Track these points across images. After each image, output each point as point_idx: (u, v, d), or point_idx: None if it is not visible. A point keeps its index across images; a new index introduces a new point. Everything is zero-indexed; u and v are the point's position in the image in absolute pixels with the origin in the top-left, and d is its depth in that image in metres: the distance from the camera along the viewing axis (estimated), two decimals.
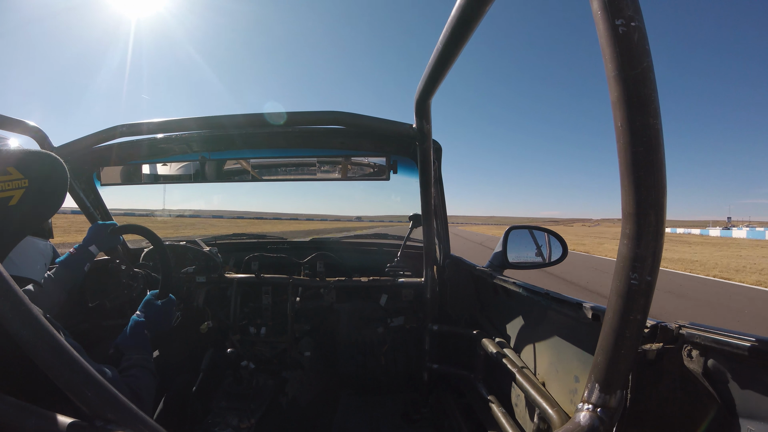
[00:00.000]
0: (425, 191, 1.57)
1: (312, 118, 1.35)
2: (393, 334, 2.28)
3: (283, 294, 2.15)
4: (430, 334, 1.94)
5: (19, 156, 0.70)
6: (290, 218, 41.67)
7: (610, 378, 0.55)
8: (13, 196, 0.67)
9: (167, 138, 1.74)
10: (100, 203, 2.03)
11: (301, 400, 2.00)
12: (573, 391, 1.05)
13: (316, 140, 1.79)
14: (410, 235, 2.22)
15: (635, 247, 0.49)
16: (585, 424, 0.56)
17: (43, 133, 1.47)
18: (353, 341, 2.33)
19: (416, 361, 2.16)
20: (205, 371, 1.87)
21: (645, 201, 0.47)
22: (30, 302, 0.60)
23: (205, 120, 1.39)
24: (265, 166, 2.08)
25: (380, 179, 1.90)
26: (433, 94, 1.07)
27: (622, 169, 0.48)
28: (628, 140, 0.46)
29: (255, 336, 2.11)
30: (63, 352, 0.60)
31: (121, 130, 1.43)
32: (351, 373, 2.34)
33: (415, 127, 1.30)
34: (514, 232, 1.98)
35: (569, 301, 0.99)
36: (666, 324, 0.75)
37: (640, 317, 0.52)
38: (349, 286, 2.16)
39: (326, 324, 2.34)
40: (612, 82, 0.45)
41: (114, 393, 0.62)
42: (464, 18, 0.69)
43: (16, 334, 0.57)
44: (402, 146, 1.78)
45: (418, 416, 2.00)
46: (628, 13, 0.43)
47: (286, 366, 2.06)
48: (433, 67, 0.89)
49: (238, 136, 1.73)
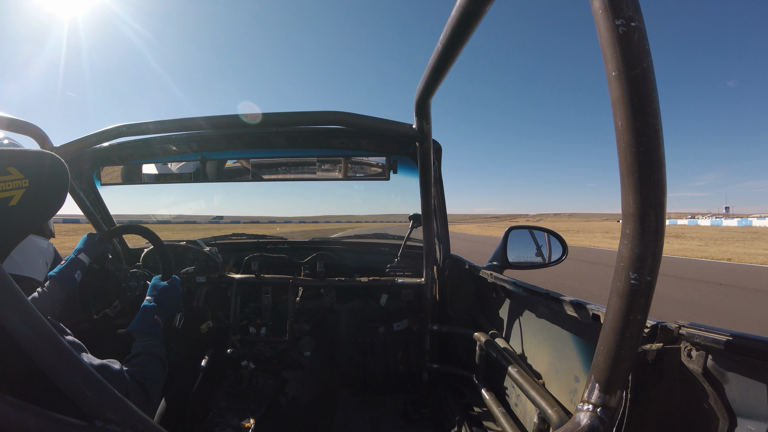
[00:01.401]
0: (425, 191, 1.57)
1: (312, 118, 1.35)
2: (396, 336, 2.28)
3: (283, 294, 2.15)
4: (430, 334, 1.94)
5: (19, 156, 0.70)
6: (283, 221, 41.28)
7: (610, 378, 0.55)
8: (13, 196, 0.67)
9: (167, 138, 1.74)
10: (100, 203, 2.03)
11: (301, 400, 2.00)
12: (573, 391, 1.05)
13: (316, 140, 1.79)
14: (410, 235, 2.22)
15: (635, 247, 0.49)
16: (585, 424, 0.56)
17: (43, 133, 1.47)
18: (353, 341, 2.33)
19: (416, 361, 2.16)
20: (205, 371, 1.87)
21: (645, 201, 0.47)
22: (30, 303, 0.60)
23: (206, 120, 1.39)
24: (265, 166, 2.08)
25: (380, 179, 1.90)
26: (433, 94, 1.07)
27: (622, 169, 0.47)
28: (628, 140, 0.46)
29: (255, 336, 2.11)
30: (63, 352, 0.60)
31: (121, 130, 1.43)
32: (351, 373, 2.34)
33: (415, 127, 1.30)
34: (514, 233, 1.98)
35: (569, 301, 0.99)
36: (666, 324, 0.75)
37: (640, 317, 0.52)
38: (349, 286, 2.16)
39: (326, 324, 2.34)
40: (612, 82, 0.45)
41: (114, 393, 0.62)
42: (464, 18, 0.69)
43: (17, 334, 0.57)
44: (402, 146, 1.77)
45: (418, 416, 2.00)
46: (628, 13, 0.43)
47: (286, 366, 2.06)
48: (433, 67, 0.89)
49: (238, 136, 1.73)
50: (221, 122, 1.40)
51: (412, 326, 2.20)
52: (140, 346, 1.06)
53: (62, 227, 27.91)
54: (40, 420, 0.57)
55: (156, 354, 1.06)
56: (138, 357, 1.02)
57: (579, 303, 0.94)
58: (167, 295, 1.27)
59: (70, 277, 1.32)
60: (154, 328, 1.14)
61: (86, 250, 1.42)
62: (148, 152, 1.89)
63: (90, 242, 1.45)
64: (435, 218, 1.91)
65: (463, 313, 1.97)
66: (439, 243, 2.06)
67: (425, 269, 1.91)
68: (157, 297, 1.23)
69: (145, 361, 1.01)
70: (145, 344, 1.07)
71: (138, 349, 1.05)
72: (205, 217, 18.90)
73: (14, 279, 0.61)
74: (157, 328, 1.15)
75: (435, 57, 0.85)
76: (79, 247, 1.42)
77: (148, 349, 1.06)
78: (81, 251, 1.40)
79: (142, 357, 1.02)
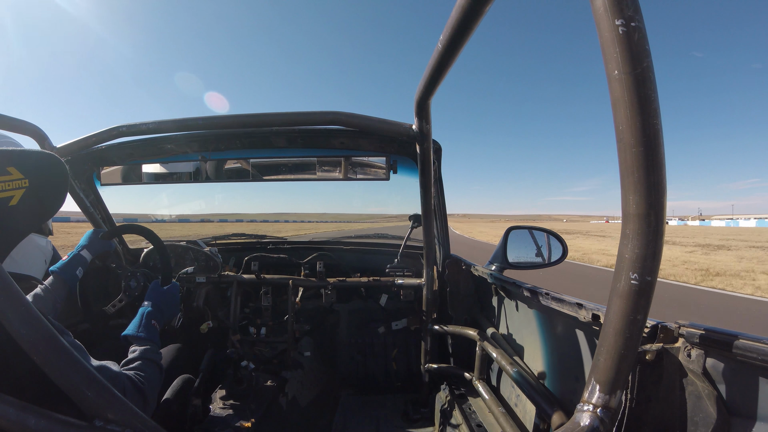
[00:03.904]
0: (425, 191, 1.57)
1: (312, 118, 1.35)
2: (395, 336, 2.28)
3: (283, 294, 2.15)
4: (430, 334, 1.94)
5: (19, 156, 0.70)
6: (275, 220, 40.84)
7: (610, 378, 0.55)
8: (13, 196, 0.67)
9: (167, 138, 1.74)
10: (100, 203, 2.03)
11: (301, 400, 2.00)
12: (573, 391, 1.05)
13: (316, 140, 1.79)
14: (410, 235, 2.22)
15: (635, 247, 0.49)
16: (585, 425, 0.56)
17: (43, 133, 1.48)
18: (353, 341, 2.33)
19: (416, 361, 2.16)
20: (205, 371, 1.87)
21: (645, 201, 0.47)
22: (30, 303, 0.60)
23: (206, 120, 1.40)
24: (265, 166, 2.08)
25: (380, 179, 1.90)
26: (433, 94, 1.07)
27: (622, 169, 0.47)
28: (628, 140, 0.46)
29: (255, 336, 2.11)
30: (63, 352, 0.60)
31: (121, 130, 1.43)
32: (351, 373, 2.34)
33: (415, 127, 1.30)
34: (514, 233, 1.98)
35: (569, 301, 0.99)
36: (666, 324, 0.75)
37: (640, 317, 0.52)
38: (349, 287, 2.16)
39: (326, 324, 2.34)
40: (612, 82, 0.45)
41: (114, 393, 0.62)
42: (464, 18, 0.69)
43: (17, 334, 0.57)
44: (402, 146, 1.77)
45: (418, 416, 1.99)
46: (628, 13, 0.43)
47: (286, 366, 2.06)
48: (433, 67, 0.89)
49: (238, 136, 1.73)
50: (221, 122, 1.40)
51: (411, 326, 2.20)
52: (138, 351, 1.06)
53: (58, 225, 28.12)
54: (40, 420, 0.57)
55: (153, 359, 1.06)
56: (135, 362, 1.02)
57: (579, 303, 0.95)
58: (165, 300, 1.27)
59: (71, 273, 1.31)
60: (151, 333, 1.14)
61: (89, 246, 1.41)
62: (147, 152, 1.89)
63: (93, 239, 1.44)
64: (435, 218, 1.91)
65: (462, 313, 1.97)
66: (439, 243, 2.06)
67: (425, 269, 1.91)
68: (156, 302, 1.23)
69: (142, 366, 1.01)
70: (142, 349, 1.07)
71: (135, 354, 1.05)
72: (196, 216, 18.87)
73: (14, 278, 0.61)
74: (154, 333, 1.15)
75: (435, 57, 0.85)
76: (82, 243, 1.40)
77: (146, 354, 1.05)
78: (84, 247, 1.39)
79: (140, 362, 1.02)
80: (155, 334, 1.15)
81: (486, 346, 1.46)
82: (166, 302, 1.26)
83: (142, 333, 1.12)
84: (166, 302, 1.26)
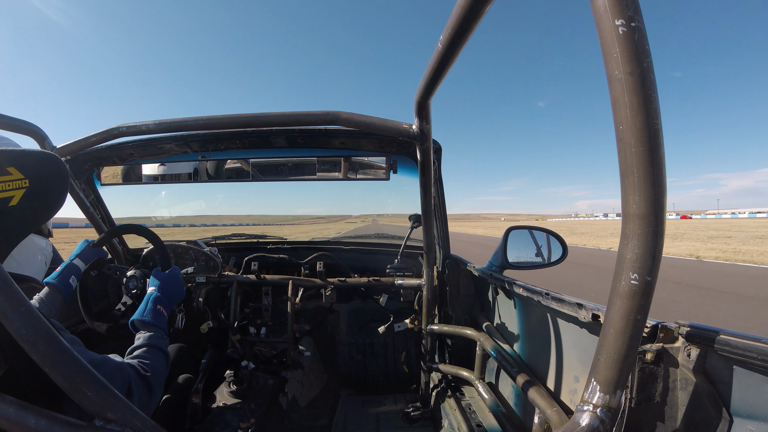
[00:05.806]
0: (425, 191, 1.57)
1: (312, 118, 1.35)
2: (396, 337, 2.28)
3: (283, 294, 2.15)
4: (430, 334, 1.94)
5: (19, 156, 0.70)
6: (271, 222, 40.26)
7: (610, 378, 0.55)
8: (13, 196, 0.67)
9: (167, 138, 1.74)
10: (100, 203, 2.03)
11: (301, 400, 2.00)
12: (573, 391, 1.05)
13: (316, 140, 1.79)
14: (410, 235, 2.22)
15: (635, 247, 0.49)
16: (585, 425, 0.56)
17: (43, 133, 1.48)
18: (353, 341, 2.33)
19: (416, 361, 2.16)
20: (205, 371, 1.87)
21: (645, 201, 0.47)
22: (30, 303, 0.60)
23: (206, 120, 1.39)
24: (265, 166, 2.08)
25: (380, 179, 1.90)
26: (433, 93, 1.07)
27: (622, 169, 0.47)
28: (628, 140, 0.46)
29: (255, 336, 2.11)
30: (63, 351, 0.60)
31: (121, 130, 1.43)
32: (351, 373, 2.34)
33: (415, 127, 1.30)
34: (514, 233, 1.98)
35: (569, 301, 0.99)
36: (666, 324, 0.75)
37: (640, 317, 0.52)
38: (349, 287, 2.16)
39: (326, 324, 2.34)
40: (612, 82, 0.45)
41: (114, 392, 0.62)
42: (464, 18, 0.69)
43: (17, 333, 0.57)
44: (402, 146, 1.77)
45: (418, 416, 2.00)
46: (628, 13, 0.43)
47: (286, 366, 2.06)
48: (433, 67, 0.89)
49: (238, 136, 1.73)
50: (221, 122, 1.40)
51: (412, 326, 2.20)
52: (143, 337, 1.05)
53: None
54: (40, 420, 0.57)
55: (159, 346, 1.05)
56: (141, 349, 1.01)
57: (579, 303, 0.95)
58: (170, 282, 1.27)
59: (65, 282, 1.32)
60: (157, 318, 1.13)
61: (81, 255, 1.44)
62: (147, 152, 1.89)
63: (85, 248, 1.47)
64: (435, 218, 1.91)
65: (463, 313, 1.97)
66: (439, 243, 2.06)
67: (425, 269, 1.91)
68: (160, 286, 1.23)
69: (148, 353, 1.00)
70: (148, 336, 1.06)
71: (141, 341, 1.04)
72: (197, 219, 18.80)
73: (14, 278, 0.61)
74: (161, 319, 1.14)
75: (435, 57, 0.85)
76: (75, 253, 1.44)
77: (151, 341, 1.05)
78: (76, 257, 1.42)
79: (145, 349, 1.01)
80: (162, 320, 1.15)
81: (486, 346, 1.46)
82: (170, 284, 1.27)
83: (148, 317, 1.11)
84: (170, 284, 1.27)
